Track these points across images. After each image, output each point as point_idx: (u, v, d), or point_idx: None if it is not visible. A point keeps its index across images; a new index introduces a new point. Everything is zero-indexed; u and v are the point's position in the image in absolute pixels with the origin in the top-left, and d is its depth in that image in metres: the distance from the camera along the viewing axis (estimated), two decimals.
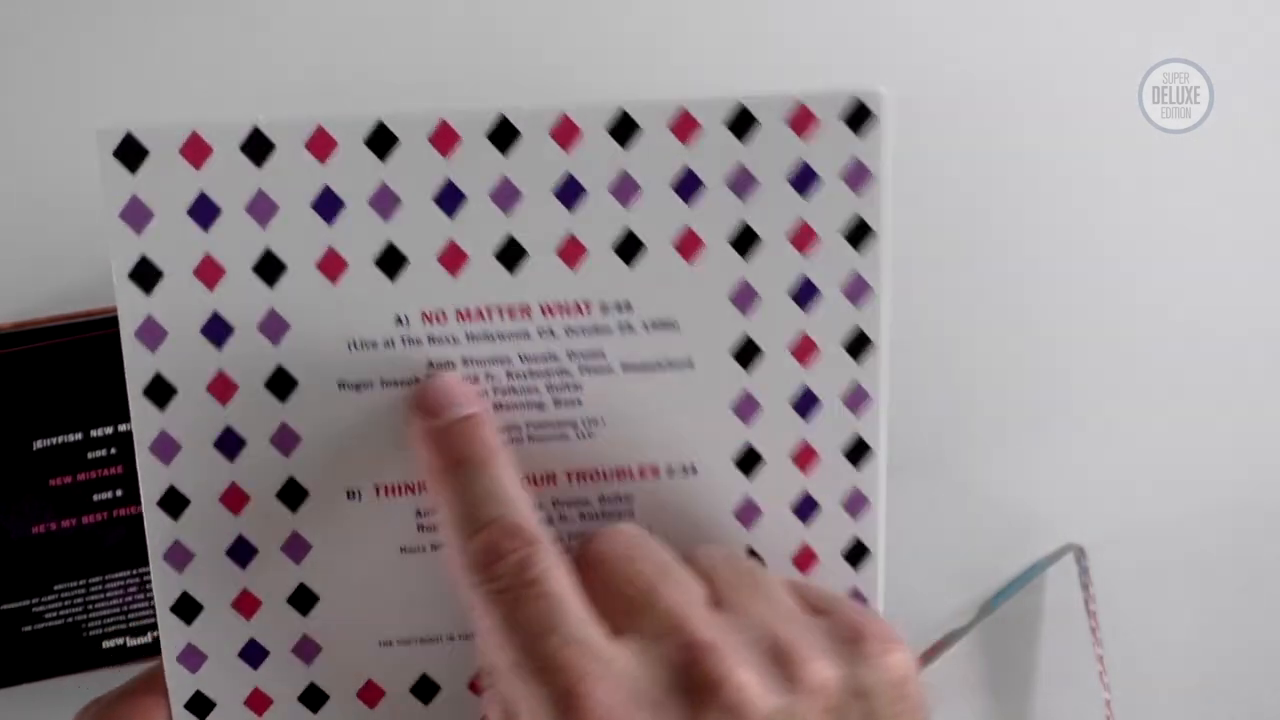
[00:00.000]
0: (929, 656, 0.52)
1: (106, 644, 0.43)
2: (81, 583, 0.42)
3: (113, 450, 0.41)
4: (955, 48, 0.49)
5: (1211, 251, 0.53)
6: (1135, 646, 0.55)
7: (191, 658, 0.29)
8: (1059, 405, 0.53)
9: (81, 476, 0.41)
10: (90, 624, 0.42)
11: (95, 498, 0.42)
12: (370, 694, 0.30)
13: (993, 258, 0.51)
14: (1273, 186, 0.53)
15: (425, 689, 0.30)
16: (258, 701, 0.30)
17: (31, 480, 0.41)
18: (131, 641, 0.43)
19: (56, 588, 0.42)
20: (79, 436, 0.41)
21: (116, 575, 0.42)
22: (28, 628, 0.42)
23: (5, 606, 0.41)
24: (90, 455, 0.41)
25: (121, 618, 0.42)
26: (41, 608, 0.42)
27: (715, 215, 0.29)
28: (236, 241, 0.28)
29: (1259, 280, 0.54)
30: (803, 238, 0.29)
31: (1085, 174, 0.51)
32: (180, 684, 0.29)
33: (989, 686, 0.55)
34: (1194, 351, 0.53)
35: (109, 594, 0.42)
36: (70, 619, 0.42)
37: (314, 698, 0.30)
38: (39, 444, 0.41)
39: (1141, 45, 0.50)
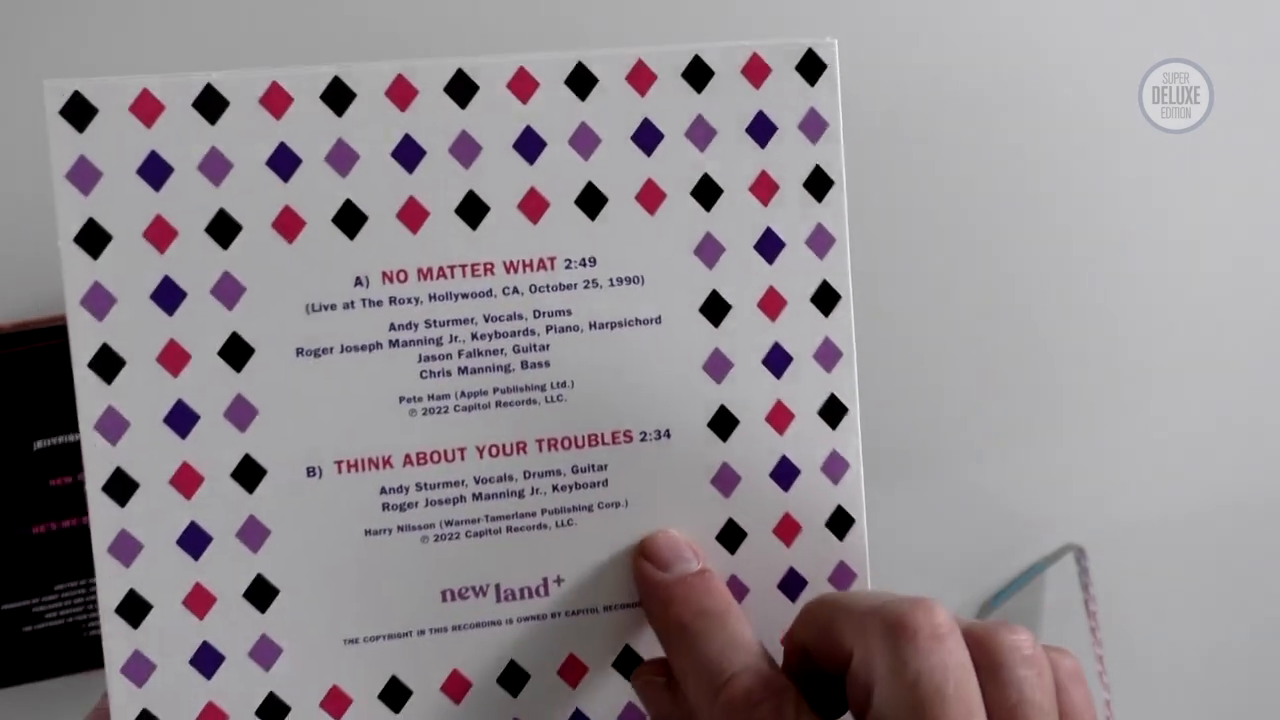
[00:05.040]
0: None
1: None
2: (82, 583, 0.42)
3: None
4: (956, 48, 0.49)
5: (1211, 251, 0.53)
6: (1135, 646, 0.55)
7: (137, 668, 0.26)
8: (1059, 406, 0.53)
9: (81, 476, 0.41)
10: (90, 624, 0.42)
11: None
12: (335, 703, 0.27)
13: (992, 258, 0.51)
14: (1273, 186, 0.53)
15: (396, 694, 0.28)
16: (210, 719, 0.27)
17: (31, 480, 0.41)
18: None
19: (57, 588, 0.42)
20: (79, 436, 0.41)
21: None
22: (28, 628, 0.42)
23: (6, 606, 0.41)
24: None
25: None
26: (42, 608, 0.42)
27: (676, 167, 0.28)
28: (189, 202, 0.26)
29: (1258, 280, 0.54)
30: (764, 188, 0.28)
31: (1085, 173, 0.51)
32: (126, 700, 0.26)
33: None
34: (1194, 351, 0.53)
35: None
36: (71, 619, 0.42)
37: (273, 711, 0.27)
38: (39, 444, 0.41)
39: (1141, 45, 0.50)
